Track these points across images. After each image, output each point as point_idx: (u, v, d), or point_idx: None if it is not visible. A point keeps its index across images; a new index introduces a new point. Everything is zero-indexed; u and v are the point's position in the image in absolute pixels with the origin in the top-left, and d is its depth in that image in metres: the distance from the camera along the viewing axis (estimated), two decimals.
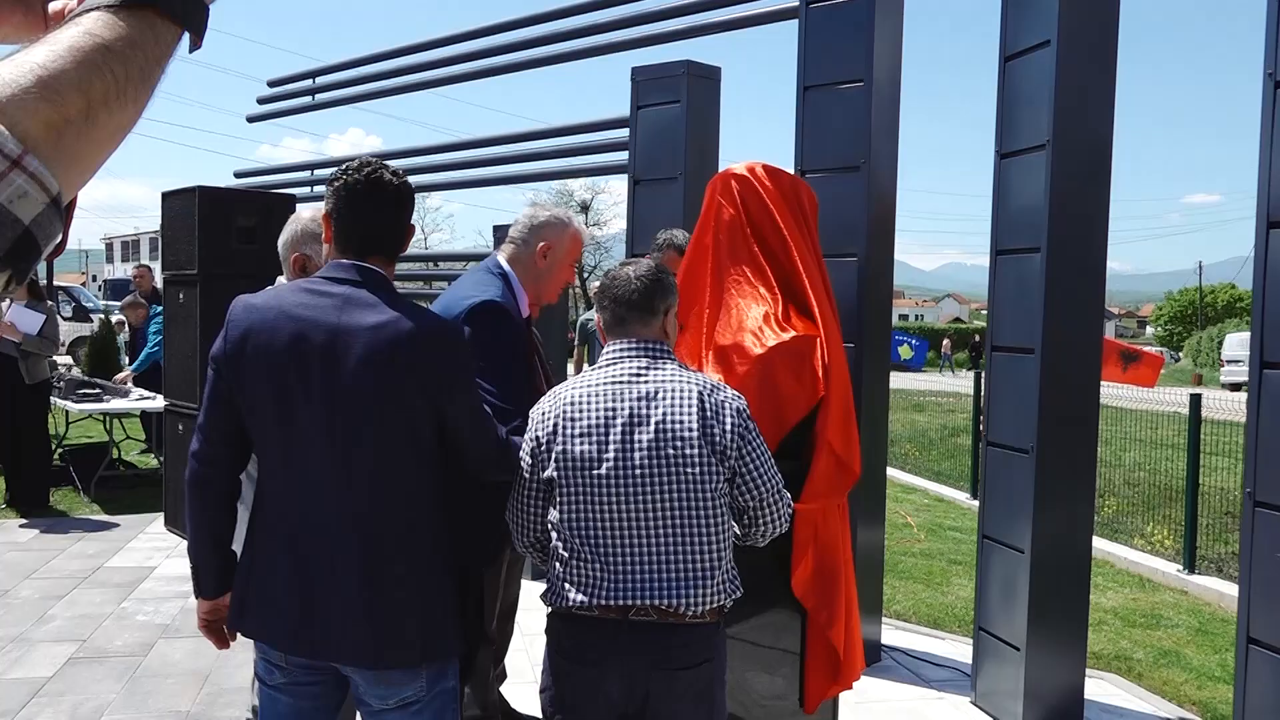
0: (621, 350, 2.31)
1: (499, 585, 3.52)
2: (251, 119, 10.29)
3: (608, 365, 2.30)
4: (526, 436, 2.31)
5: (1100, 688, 4.63)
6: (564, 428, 2.23)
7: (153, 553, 6.56)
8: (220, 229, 6.43)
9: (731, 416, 2.23)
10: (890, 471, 11.16)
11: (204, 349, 6.34)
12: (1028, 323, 4.03)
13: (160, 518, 7.30)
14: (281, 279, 2.81)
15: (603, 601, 2.17)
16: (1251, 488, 2.98)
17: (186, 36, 0.85)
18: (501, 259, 2.96)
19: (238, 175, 10.67)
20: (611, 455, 2.18)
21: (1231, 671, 4.96)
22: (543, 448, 2.25)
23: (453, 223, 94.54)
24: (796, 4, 4.87)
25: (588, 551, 2.20)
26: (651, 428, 2.19)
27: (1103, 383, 4.28)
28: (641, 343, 2.31)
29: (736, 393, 2.32)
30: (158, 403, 7.82)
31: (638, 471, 2.17)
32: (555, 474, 2.22)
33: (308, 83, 9.62)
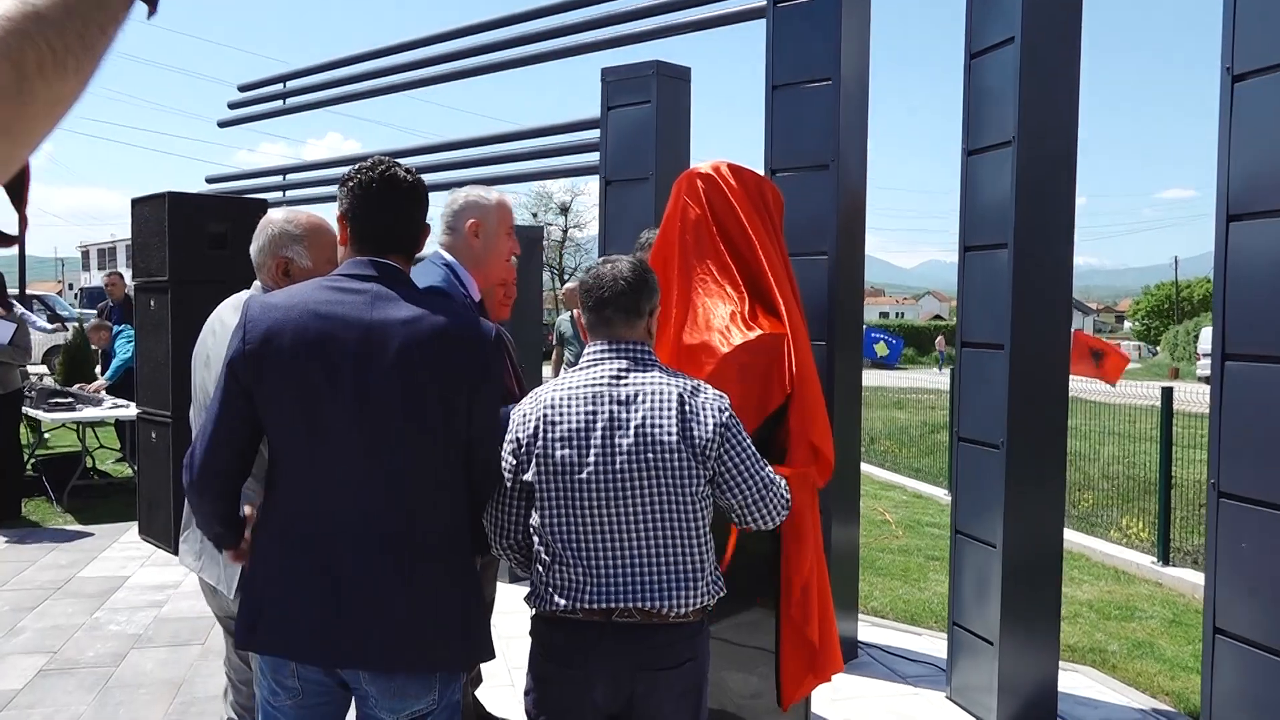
0: (603, 352, 2.29)
1: None
2: (223, 124, 10.22)
3: (589, 367, 2.28)
4: (507, 439, 2.29)
5: (1075, 680, 4.65)
6: (545, 431, 2.21)
7: (126, 562, 6.50)
8: (191, 235, 6.38)
9: (713, 417, 2.22)
10: (869, 469, 11.24)
11: (176, 356, 6.29)
12: (996, 319, 4.05)
13: (134, 527, 7.24)
14: (256, 285, 2.76)
15: (587, 605, 2.16)
16: (1216, 479, 3.00)
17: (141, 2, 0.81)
18: (441, 253, 2.94)
19: (209, 180, 10.60)
20: (593, 459, 2.17)
21: (1201, 661, 5.02)
22: (524, 450, 2.23)
23: (431, 225, 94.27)
24: (764, 3, 4.87)
25: (570, 555, 2.19)
26: (632, 432, 2.17)
27: (1076, 378, 4.31)
28: (624, 344, 2.29)
29: (719, 393, 2.30)
30: (130, 411, 7.76)
31: (619, 475, 2.16)
32: (536, 478, 2.21)
33: (278, 86, 9.56)
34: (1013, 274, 3.95)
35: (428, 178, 9.33)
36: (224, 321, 2.67)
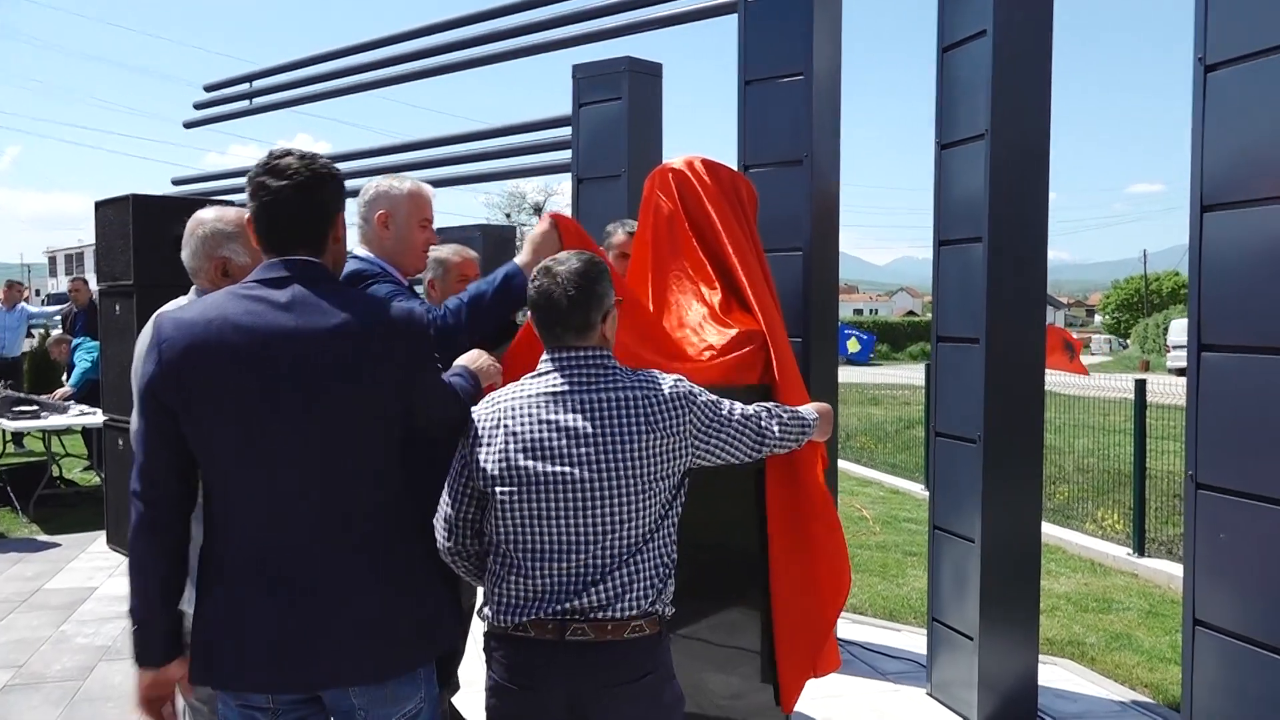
0: (557, 360, 2.20)
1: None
2: (189, 125, 10.08)
3: (543, 375, 2.20)
4: (462, 443, 2.23)
5: (1054, 673, 4.65)
6: (505, 439, 2.14)
7: (94, 572, 6.38)
8: (155, 238, 6.26)
9: (675, 403, 2.17)
10: (846, 465, 11.26)
11: None
12: (971, 313, 4.04)
13: (102, 536, 7.11)
14: (194, 291, 2.63)
15: (542, 616, 2.10)
16: (1193, 470, 2.99)
17: None
18: (356, 250, 2.80)
19: (175, 183, 10.45)
20: (553, 469, 2.11)
21: (1181, 652, 5.03)
22: (482, 457, 2.17)
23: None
24: None
25: (527, 566, 2.13)
26: (593, 441, 2.12)
27: (1051, 370, 4.30)
28: (577, 352, 2.19)
29: (676, 377, 2.24)
30: (97, 418, 7.62)
31: (578, 485, 2.10)
32: (492, 486, 2.15)
33: (244, 86, 9.43)
34: (988, 267, 3.94)
35: None
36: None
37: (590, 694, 2.11)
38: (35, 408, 8.23)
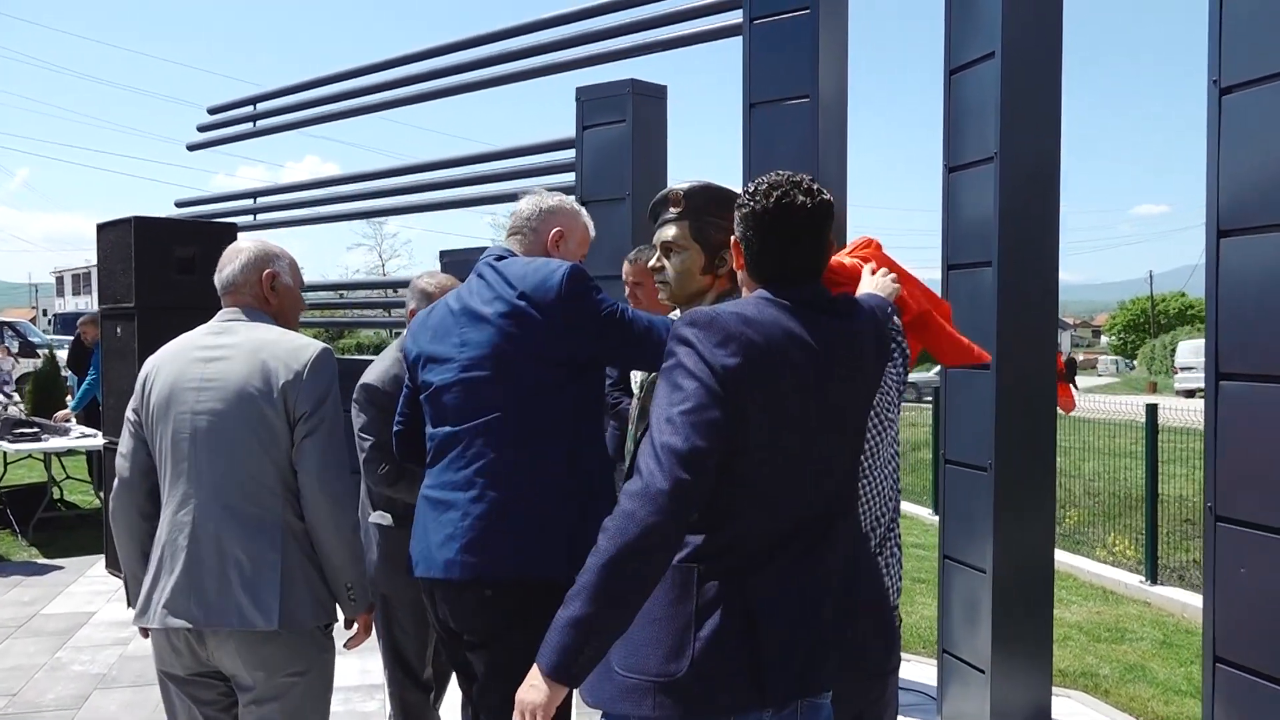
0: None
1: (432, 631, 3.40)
2: (192, 147, 10.07)
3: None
4: None
5: (1067, 706, 4.55)
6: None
7: (92, 597, 6.31)
8: (158, 260, 6.24)
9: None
10: None
11: None
12: (981, 338, 3.94)
13: (101, 560, 7.04)
14: (228, 311, 2.66)
15: None
16: (1212, 502, 2.91)
17: None
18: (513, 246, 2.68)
19: (179, 205, 10.44)
20: None
21: (1197, 685, 4.92)
22: None
23: (411, 248, 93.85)
24: (740, 21, 4.81)
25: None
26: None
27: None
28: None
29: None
30: (97, 440, 7.57)
31: None
32: None
33: (249, 109, 9.43)
34: (998, 292, 3.87)
35: (402, 200, 9.17)
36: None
37: None
38: (35, 430, 8.19)
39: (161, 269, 6.23)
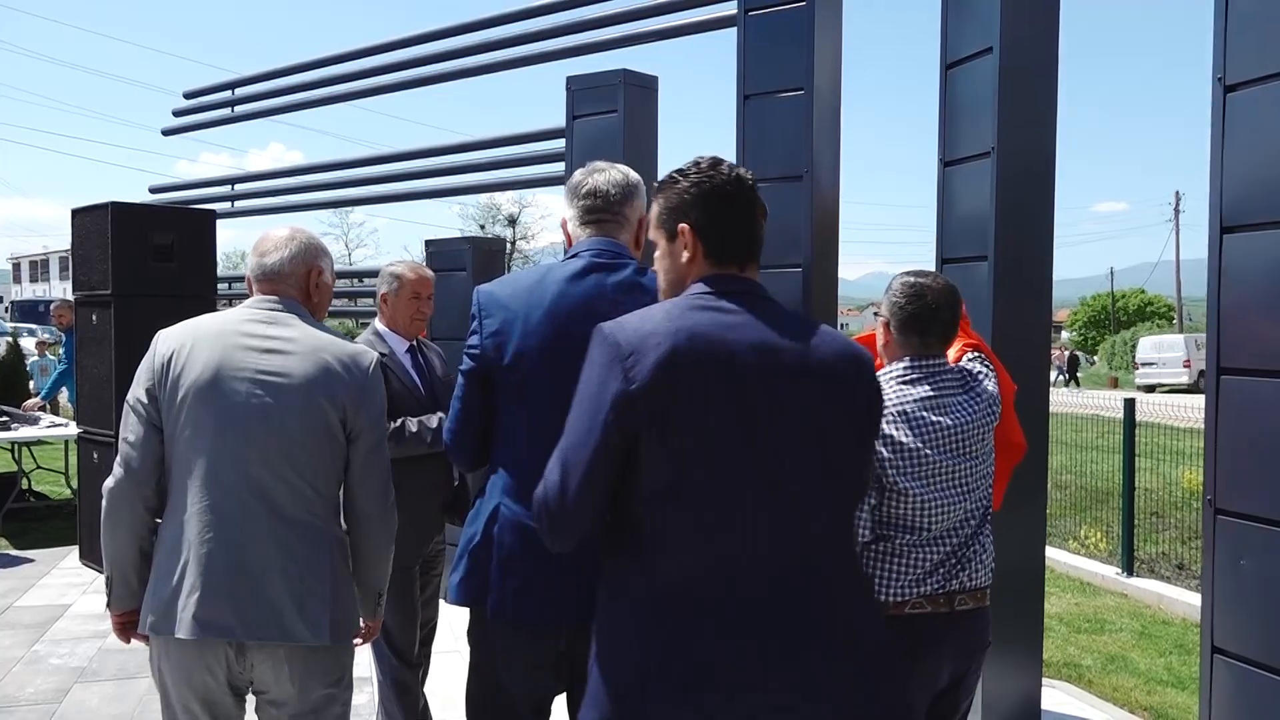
0: (924, 368, 2.66)
1: (416, 608, 3.42)
2: (167, 132, 9.90)
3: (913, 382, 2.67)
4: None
5: (1055, 697, 4.60)
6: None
7: (67, 589, 6.20)
8: (135, 247, 6.12)
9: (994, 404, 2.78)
10: None
11: (119, 373, 6.02)
12: (977, 332, 3.98)
13: (74, 551, 6.91)
14: (257, 299, 2.59)
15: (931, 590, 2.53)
16: (1212, 495, 2.95)
17: None
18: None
19: (153, 191, 10.25)
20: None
21: (1178, 675, 5.01)
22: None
23: (377, 238, 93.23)
24: (735, 12, 4.79)
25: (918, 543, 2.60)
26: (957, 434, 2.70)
27: None
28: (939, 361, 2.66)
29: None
30: (70, 430, 7.43)
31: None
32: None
33: (226, 94, 9.28)
34: (994, 286, 3.89)
35: (384, 188, 9.04)
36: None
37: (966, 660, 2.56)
38: (4, 419, 8.02)
39: (139, 255, 6.12)
